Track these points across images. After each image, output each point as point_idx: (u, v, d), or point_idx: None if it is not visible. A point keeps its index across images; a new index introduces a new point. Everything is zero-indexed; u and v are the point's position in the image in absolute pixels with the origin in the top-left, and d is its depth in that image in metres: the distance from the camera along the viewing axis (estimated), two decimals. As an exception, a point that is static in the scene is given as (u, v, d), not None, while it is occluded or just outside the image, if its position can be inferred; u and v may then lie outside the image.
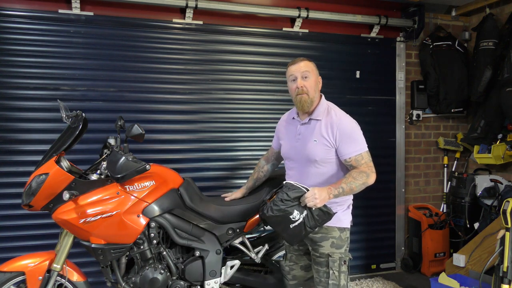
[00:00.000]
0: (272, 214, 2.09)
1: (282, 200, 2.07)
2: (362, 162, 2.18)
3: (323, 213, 2.10)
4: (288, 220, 2.09)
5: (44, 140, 3.14)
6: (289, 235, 2.14)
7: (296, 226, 2.11)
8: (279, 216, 2.09)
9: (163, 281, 2.54)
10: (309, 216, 2.10)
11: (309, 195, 2.02)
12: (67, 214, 2.38)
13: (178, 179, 2.68)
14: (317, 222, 2.10)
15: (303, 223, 2.10)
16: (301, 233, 2.12)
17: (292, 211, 2.08)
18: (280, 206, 2.07)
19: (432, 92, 4.23)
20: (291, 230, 2.12)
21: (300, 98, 2.20)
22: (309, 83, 2.20)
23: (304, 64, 2.22)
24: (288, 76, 2.27)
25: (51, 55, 3.22)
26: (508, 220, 2.39)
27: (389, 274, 4.14)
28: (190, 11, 3.49)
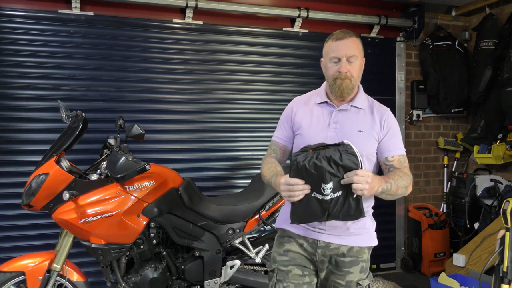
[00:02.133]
0: (305, 165, 1.56)
1: (330, 159, 1.55)
2: (405, 165, 1.81)
3: (356, 207, 1.60)
4: (315, 187, 1.58)
5: (44, 140, 3.14)
6: (300, 208, 1.62)
7: (317, 201, 1.59)
8: (310, 174, 1.56)
9: (163, 281, 2.55)
10: (341, 199, 1.59)
11: (362, 174, 1.53)
12: (67, 214, 2.38)
13: (178, 179, 2.69)
14: (340, 214, 1.60)
15: (329, 203, 1.58)
16: (315, 214, 1.61)
17: (329, 180, 1.56)
18: (322, 164, 1.55)
19: (432, 92, 4.23)
20: (308, 203, 1.60)
21: (341, 84, 1.74)
22: (355, 67, 1.75)
23: (352, 43, 1.74)
24: (328, 53, 1.77)
25: (51, 55, 3.22)
26: (508, 220, 2.39)
27: (389, 274, 4.13)
28: (190, 11, 3.49)
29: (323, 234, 1.78)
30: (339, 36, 1.76)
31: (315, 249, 1.80)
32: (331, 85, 1.78)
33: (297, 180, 1.57)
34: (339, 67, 1.73)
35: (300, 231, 1.83)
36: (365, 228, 1.85)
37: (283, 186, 1.60)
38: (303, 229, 1.82)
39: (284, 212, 1.91)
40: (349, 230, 1.80)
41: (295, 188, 1.57)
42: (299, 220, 1.66)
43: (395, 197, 1.74)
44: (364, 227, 1.85)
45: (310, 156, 1.59)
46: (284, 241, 1.87)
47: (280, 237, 1.91)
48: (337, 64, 1.75)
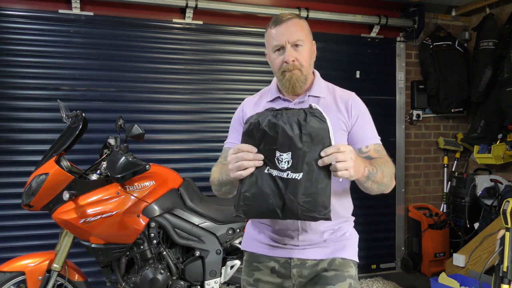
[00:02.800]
0: (259, 122, 1.22)
1: (291, 118, 1.20)
2: (384, 153, 1.49)
3: (322, 198, 1.19)
4: (270, 158, 1.20)
5: (44, 140, 3.14)
6: (249, 190, 1.22)
7: (271, 179, 1.20)
8: (264, 137, 1.20)
9: (163, 281, 2.55)
10: (302, 184, 1.17)
11: (344, 148, 1.19)
12: (67, 214, 2.38)
13: (178, 179, 2.69)
14: (299, 205, 1.17)
15: (285, 184, 1.18)
16: (266, 200, 1.20)
17: (286, 147, 1.18)
18: (279, 122, 1.19)
19: (432, 92, 4.23)
20: (259, 182, 1.20)
21: (290, 77, 1.45)
22: (303, 54, 1.45)
23: (295, 26, 1.44)
24: (270, 43, 1.48)
25: (51, 55, 3.22)
26: (508, 220, 2.39)
27: (389, 274, 4.13)
28: (190, 11, 3.49)
29: (296, 250, 1.48)
30: (277, 20, 1.46)
31: (289, 270, 1.49)
32: (280, 80, 1.49)
33: (249, 146, 1.22)
34: (284, 57, 1.44)
35: (269, 250, 1.52)
36: (345, 238, 1.52)
37: (231, 156, 1.23)
38: (271, 248, 1.52)
39: (249, 230, 1.63)
40: (326, 242, 1.49)
41: (246, 156, 1.20)
42: (246, 209, 1.23)
43: (379, 188, 1.40)
44: (344, 237, 1.52)
45: (268, 115, 1.23)
46: (252, 269, 1.55)
47: (247, 262, 1.58)
48: (281, 54, 1.45)
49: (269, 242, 1.53)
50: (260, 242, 1.56)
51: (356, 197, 1.94)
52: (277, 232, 1.50)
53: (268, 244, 1.53)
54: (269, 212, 1.22)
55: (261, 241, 1.56)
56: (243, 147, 1.22)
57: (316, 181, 1.19)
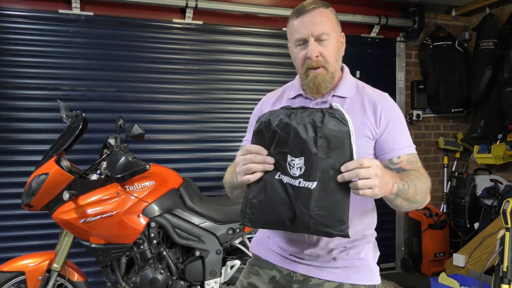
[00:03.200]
0: (270, 122, 1.09)
1: (306, 118, 1.06)
2: (418, 165, 1.31)
3: (338, 213, 1.05)
4: (281, 162, 1.08)
5: (44, 140, 3.14)
6: (257, 196, 1.10)
7: (281, 186, 1.08)
8: (276, 138, 1.08)
9: (163, 281, 2.54)
10: (316, 195, 1.04)
11: (369, 164, 1.03)
12: (67, 214, 2.38)
13: (178, 179, 2.69)
14: (312, 218, 1.04)
15: (296, 193, 1.05)
16: (275, 208, 1.08)
17: (299, 151, 1.05)
18: (292, 123, 1.07)
19: (432, 92, 4.23)
20: (268, 188, 1.09)
21: (315, 77, 1.29)
22: (328, 48, 1.28)
23: (319, 16, 1.27)
24: (292, 36, 1.32)
25: (51, 55, 3.22)
26: (508, 220, 2.39)
27: (389, 274, 4.13)
28: (190, 11, 3.49)
29: (300, 264, 1.34)
30: (301, 10, 1.29)
31: (290, 284, 1.36)
32: (303, 79, 1.33)
33: (258, 147, 1.10)
34: (307, 52, 1.27)
35: (275, 258, 1.41)
36: (359, 258, 1.34)
37: (239, 157, 1.12)
38: (277, 256, 1.40)
39: (259, 233, 1.54)
40: (335, 261, 1.32)
41: (254, 159, 1.09)
42: (252, 218, 1.12)
43: (410, 206, 1.22)
44: (359, 257, 1.34)
45: (281, 113, 1.09)
46: (252, 272, 1.45)
47: (250, 264, 1.50)
48: (304, 48, 1.29)
49: (276, 250, 1.42)
50: (268, 247, 1.45)
51: (356, 197, 1.89)
52: (286, 240, 1.38)
53: (275, 251, 1.42)
54: (277, 223, 1.10)
55: (268, 247, 1.45)
56: (252, 149, 1.10)
57: (333, 192, 1.04)
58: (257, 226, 1.15)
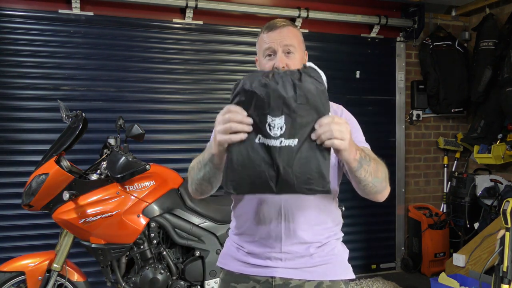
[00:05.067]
0: (248, 84, 1.07)
1: (284, 78, 1.06)
2: (375, 156, 1.36)
3: (321, 169, 1.07)
4: (261, 124, 1.07)
5: (44, 140, 3.14)
6: (238, 161, 1.08)
7: (262, 149, 1.07)
8: (255, 99, 1.06)
9: (163, 281, 2.55)
10: (299, 152, 1.06)
11: (340, 120, 1.09)
12: (67, 214, 2.38)
13: (178, 179, 2.69)
14: (295, 175, 1.05)
15: (277, 153, 1.05)
16: (258, 170, 1.07)
17: (279, 111, 1.05)
18: (270, 83, 1.06)
19: (432, 92, 4.23)
20: (250, 152, 1.08)
21: None
22: (294, 61, 1.37)
23: (288, 32, 1.38)
24: (262, 46, 1.42)
25: (51, 55, 3.22)
26: (508, 220, 2.39)
27: (389, 274, 4.13)
28: (190, 11, 3.49)
29: (278, 268, 1.34)
30: (272, 26, 1.40)
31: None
32: None
33: (237, 107, 1.09)
34: (275, 62, 1.35)
35: (248, 269, 1.38)
36: (334, 254, 1.38)
37: (219, 118, 1.11)
38: (250, 266, 1.38)
39: (227, 247, 1.50)
40: (313, 259, 1.35)
41: (234, 117, 1.07)
42: (235, 184, 1.10)
43: (374, 184, 1.25)
44: (333, 253, 1.38)
45: (258, 75, 1.08)
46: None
47: (223, 282, 1.44)
48: (272, 59, 1.37)
49: (248, 260, 1.38)
50: (238, 259, 1.40)
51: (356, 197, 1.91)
52: (258, 243, 1.36)
53: (247, 262, 1.38)
54: (262, 185, 1.08)
55: (239, 259, 1.40)
56: (231, 108, 1.09)
57: (314, 148, 1.06)
58: (242, 191, 1.13)
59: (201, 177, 1.31)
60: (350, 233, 3.87)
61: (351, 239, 3.88)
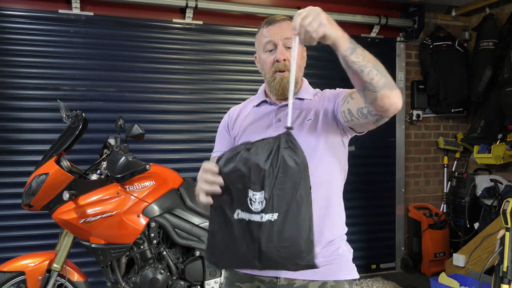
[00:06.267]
0: (226, 159, 1.10)
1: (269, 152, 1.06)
2: None
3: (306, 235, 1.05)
4: (240, 198, 1.06)
5: (44, 140, 3.14)
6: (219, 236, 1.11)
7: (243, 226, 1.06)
8: (235, 175, 1.07)
9: (163, 281, 2.54)
10: (280, 225, 1.03)
11: (305, 14, 1.09)
12: (67, 214, 2.38)
13: (178, 179, 2.69)
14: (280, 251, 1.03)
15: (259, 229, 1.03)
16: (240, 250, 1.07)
17: (259, 185, 1.04)
18: (250, 156, 1.06)
19: (432, 92, 4.23)
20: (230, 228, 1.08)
21: (281, 78, 1.39)
22: None
23: (287, 26, 1.38)
24: (262, 41, 1.43)
25: (51, 55, 3.22)
26: (508, 220, 2.39)
27: (389, 274, 4.13)
28: (190, 11, 3.49)
29: None
30: (271, 20, 1.42)
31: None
32: (270, 83, 1.42)
33: (210, 165, 1.11)
34: (276, 55, 1.38)
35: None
36: (338, 254, 1.37)
37: (198, 175, 1.15)
38: None
39: None
40: (317, 259, 1.31)
41: (206, 178, 1.10)
42: (217, 261, 1.11)
43: (379, 71, 1.21)
44: (337, 253, 1.37)
45: (240, 149, 1.08)
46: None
47: (228, 281, 1.45)
48: (272, 53, 1.40)
49: None
50: None
51: (356, 197, 1.91)
52: None
53: None
54: (245, 262, 1.07)
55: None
56: (205, 167, 1.12)
57: (296, 218, 1.03)
58: (224, 267, 1.13)
59: None
60: (350, 233, 3.83)
61: (351, 239, 3.83)
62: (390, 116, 1.26)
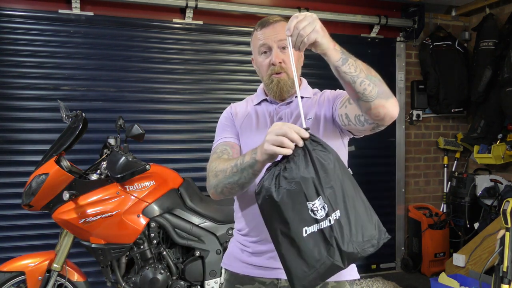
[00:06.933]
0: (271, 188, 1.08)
1: (300, 159, 1.08)
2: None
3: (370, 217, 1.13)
4: (300, 217, 1.06)
5: (44, 140, 3.14)
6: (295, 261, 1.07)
7: (314, 238, 1.06)
8: (286, 197, 1.06)
9: (163, 281, 2.55)
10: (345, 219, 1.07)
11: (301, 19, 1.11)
12: (67, 214, 2.38)
13: (178, 179, 2.69)
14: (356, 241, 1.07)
15: (331, 231, 1.06)
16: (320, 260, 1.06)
17: (314, 193, 1.06)
18: (293, 173, 1.07)
19: (432, 92, 4.23)
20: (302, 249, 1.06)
21: (278, 81, 1.39)
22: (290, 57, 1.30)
23: (281, 27, 1.36)
24: (256, 44, 1.42)
25: (51, 55, 3.22)
26: (508, 220, 2.39)
27: (389, 274, 4.13)
28: (190, 11, 3.49)
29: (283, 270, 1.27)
30: (264, 22, 1.40)
31: None
32: (268, 85, 1.42)
33: (295, 126, 1.11)
34: (271, 58, 1.38)
35: (253, 270, 1.37)
36: None
37: (273, 129, 1.11)
38: (256, 268, 1.37)
39: (231, 248, 1.48)
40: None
41: (289, 134, 1.08)
42: (305, 283, 1.07)
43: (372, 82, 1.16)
44: None
45: (276, 172, 1.09)
46: None
47: (228, 283, 1.44)
48: (268, 56, 1.39)
49: (252, 261, 1.37)
50: (243, 261, 1.39)
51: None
52: (263, 242, 1.35)
53: (251, 263, 1.37)
54: (330, 270, 1.07)
55: (243, 260, 1.39)
56: (290, 124, 1.11)
57: (355, 206, 1.08)
58: (312, 286, 1.09)
59: (235, 181, 1.26)
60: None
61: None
62: (387, 125, 1.25)
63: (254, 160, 1.17)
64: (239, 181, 1.25)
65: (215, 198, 1.40)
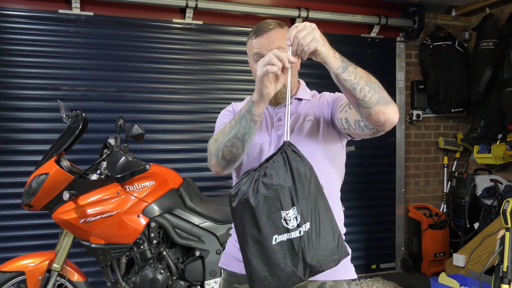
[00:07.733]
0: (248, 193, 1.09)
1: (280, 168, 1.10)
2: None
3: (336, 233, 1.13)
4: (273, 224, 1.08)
5: (44, 140, 3.14)
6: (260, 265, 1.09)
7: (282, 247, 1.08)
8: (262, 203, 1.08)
9: (163, 281, 2.55)
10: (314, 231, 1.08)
11: (303, 24, 1.16)
12: (67, 214, 2.38)
13: (178, 179, 2.69)
14: (320, 255, 1.09)
15: (300, 242, 1.07)
16: (285, 270, 1.07)
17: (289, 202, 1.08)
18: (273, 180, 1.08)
19: (432, 92, 4.23)
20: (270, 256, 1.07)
21: None
22: None
23: (275, 35, 1.37)
24: (251, 52, 1.42)
25: (51, 55, 3.22)
26: (508, 220, 2.39)
27: (389, 274, 4.13)
28: (190, 11, 3.49)
29: None
30: (258, 30, 1.40)
31: None
32: None
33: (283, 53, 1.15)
34: None
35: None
36: None
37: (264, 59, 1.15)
38: None
39: (229, 247, 1.51)
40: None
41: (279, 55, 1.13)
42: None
43: (372, 89, 1.20)
44: None
45: (256, 177, 1.10)
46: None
47: (226, 282, 1.45)
48: None
49: None
50: (240, 260, 1.33)
51: (356, 197, 1.90)
52: None
53: None
54: (292, 282, 1.09)
55: (241, 259, 1.34)
56: (275, 51, 1.15)
57: (321, 220, 1.10)
58: None
59: (234, 135, 1.27)
60: (350, 233, 3.87)
61: (351, 239, 3.88)
62: (387, 130, 1.26)
63: (251, 102, 1.20)
64: (238, 133, 1.26)
65: (217, 171, 1.41)
